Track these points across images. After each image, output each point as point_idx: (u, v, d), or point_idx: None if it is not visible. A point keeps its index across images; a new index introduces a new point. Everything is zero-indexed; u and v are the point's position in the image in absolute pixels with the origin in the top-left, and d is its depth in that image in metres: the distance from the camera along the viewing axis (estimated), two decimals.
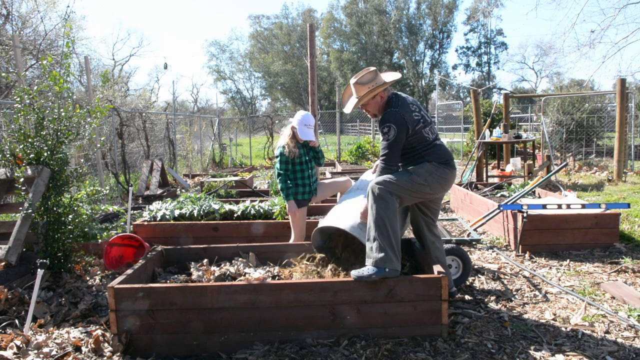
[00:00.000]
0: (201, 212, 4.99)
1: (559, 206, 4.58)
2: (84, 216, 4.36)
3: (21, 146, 3.92)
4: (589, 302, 3.29)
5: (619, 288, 3.47)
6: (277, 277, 3.24)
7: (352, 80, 3.10)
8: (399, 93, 3.15)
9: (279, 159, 4.10)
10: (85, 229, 4.71)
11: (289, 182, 4.08)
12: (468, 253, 4.39)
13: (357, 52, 50.10)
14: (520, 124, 17.05)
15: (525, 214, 4.48)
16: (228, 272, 3.29)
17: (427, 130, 3.03)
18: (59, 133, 3.95)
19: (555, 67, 41.84)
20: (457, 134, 20.41)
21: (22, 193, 3.83)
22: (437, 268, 2.86)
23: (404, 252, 3.56)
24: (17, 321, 3.12)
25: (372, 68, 3.11)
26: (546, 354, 2.61)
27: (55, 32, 13.61)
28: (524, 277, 3.92)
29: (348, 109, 3.27)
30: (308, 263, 3.39)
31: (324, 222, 3.30)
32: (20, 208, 3.76)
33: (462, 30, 67.49)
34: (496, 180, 7.76)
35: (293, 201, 4.03)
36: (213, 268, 3.38)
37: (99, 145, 5.21)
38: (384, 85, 3.04)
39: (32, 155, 3.90)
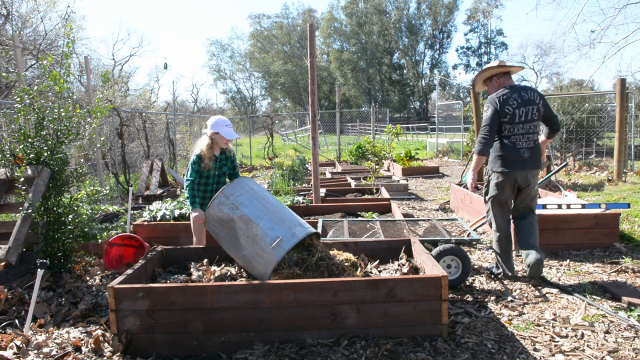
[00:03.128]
0: None
1: (559, 206, 4.58)
2: (84, 216, 4.37)
3: (21, 146, 3.92)
4: (589, 302, 3.29)
5: (619, 288, 3.47)
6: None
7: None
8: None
9: (192, 165, 3.73)
10: (85, 229, 4.71)
11: (196, 191, 3.73)
12: (468, 253, 4.39)
13: (357, 52, 50.10)
14: None
15: None
16: (228, 273, 3.29)
17: None
18: (59, 133, 3.95)
19: (555, 67, 41.83)
20: (457, 134, 20.39)
21: (22, 193, 3.82)
22: (436, 268, 2.86)
23: (404, 252, 3.56)
24: (17, 321, 3.12)
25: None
26: (546, 354, 2.61)
27: (55, 32, 13.62)
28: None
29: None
30: None
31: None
32: (20, 208, 3.76)
33: (462, 30, 67.63)
34: None
35: (201, 210, 3.59)
36: (213, 268, 3.38)
37: (99, 145, 5.21)
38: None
39: (32, 155, 3.90)
